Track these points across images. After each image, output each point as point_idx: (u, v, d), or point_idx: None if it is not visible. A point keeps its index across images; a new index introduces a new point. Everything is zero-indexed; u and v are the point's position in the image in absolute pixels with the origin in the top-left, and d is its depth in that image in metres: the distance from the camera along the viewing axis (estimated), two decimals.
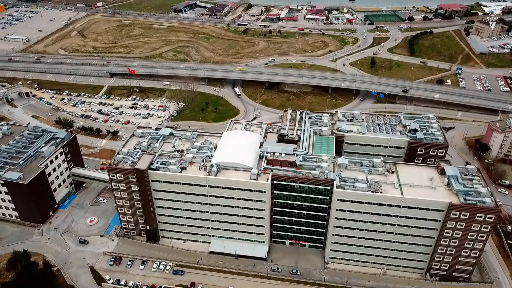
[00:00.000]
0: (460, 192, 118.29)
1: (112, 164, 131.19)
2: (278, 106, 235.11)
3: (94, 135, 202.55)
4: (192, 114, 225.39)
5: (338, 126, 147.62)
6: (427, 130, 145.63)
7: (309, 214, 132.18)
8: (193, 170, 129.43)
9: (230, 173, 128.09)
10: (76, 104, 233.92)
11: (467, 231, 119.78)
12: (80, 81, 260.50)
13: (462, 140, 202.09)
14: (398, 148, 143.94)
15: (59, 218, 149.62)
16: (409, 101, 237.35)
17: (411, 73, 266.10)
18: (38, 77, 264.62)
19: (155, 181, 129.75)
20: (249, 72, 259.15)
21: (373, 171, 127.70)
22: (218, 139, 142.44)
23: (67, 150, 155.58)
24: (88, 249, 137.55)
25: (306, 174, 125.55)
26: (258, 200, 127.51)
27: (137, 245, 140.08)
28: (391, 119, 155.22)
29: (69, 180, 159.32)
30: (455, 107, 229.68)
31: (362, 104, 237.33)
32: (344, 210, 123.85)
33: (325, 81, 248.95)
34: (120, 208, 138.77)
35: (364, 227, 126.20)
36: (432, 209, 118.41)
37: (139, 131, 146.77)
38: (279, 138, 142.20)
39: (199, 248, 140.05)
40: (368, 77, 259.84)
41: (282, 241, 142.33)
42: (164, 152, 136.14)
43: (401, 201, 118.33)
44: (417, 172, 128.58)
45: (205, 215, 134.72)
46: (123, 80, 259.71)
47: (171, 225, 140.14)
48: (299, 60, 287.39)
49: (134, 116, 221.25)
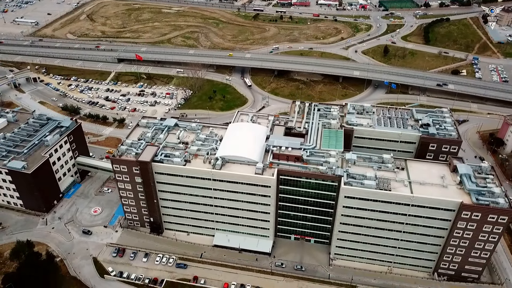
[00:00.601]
0: (473, 191, 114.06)
1: (116, 155, 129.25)
2: (287, 95, 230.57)
3: (101, 123, 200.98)
4: (200, 103, 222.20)
5: (348, 119, 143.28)
6: (440, 125, 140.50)
7: (315, 209, 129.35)
8: (197, 163, 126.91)
9: (235, 166, 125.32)
10: (83, 91, 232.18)
11: (478, 232, 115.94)
12: (87, 67, 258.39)
13: (476, 134, 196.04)
14: (409, 143, 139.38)
15: (64, 208, 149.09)
16: (422, 92, 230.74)
17: (426, 63, 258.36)
18: (46, 62, 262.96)
19: (159, 174, 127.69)
20: (259, 60, 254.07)
21: (382, 167, 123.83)
22: (223, 131, 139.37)
23: (72, 139, 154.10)
24: (91, 239, 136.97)
25: (313, 170, 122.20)
26: (263, 195, 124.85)
27: (140, 236, 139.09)
28: (403, 112, 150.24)
29: (74, 169, 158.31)
30: (469, 99, 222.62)
31: (373, 94, 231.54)
32: (351, 207, 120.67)
33: (336, 70, 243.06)
34: (124, 199, 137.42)
35: (371, 225, 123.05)
36: (442, 208, 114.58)
37: (144, 121, 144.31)
38: (286, 131, 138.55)
39: (203, 241, 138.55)
40: (380, 66, 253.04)
41: (287, 236, 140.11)
42: (169, 143, 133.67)
43: (410, 199, 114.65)
44: (428, 169, 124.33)
45: (209, 208, 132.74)
46: (130, 66, 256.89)
47: (175, 217, 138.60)
48: (307, 48, 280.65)
49: (141, 104, 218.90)
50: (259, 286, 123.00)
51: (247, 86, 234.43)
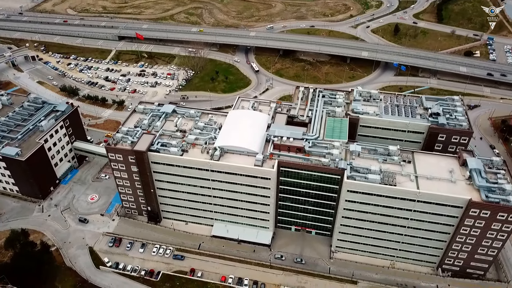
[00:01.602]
0: (482, 188, 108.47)
1: (111, 144, 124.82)
2: (292, 77, 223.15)
3: (99, 105, 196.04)
4: (201, 84, 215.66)
5: (353, 107, 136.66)
6: (451, 114, 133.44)
7: (316, 202, 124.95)
8: (195, 152, 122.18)
9: (234, 157, 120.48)
10: (82, 70, 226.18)
11: (486, 230, 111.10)
12: (87, 44, 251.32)
13: (488, 120, 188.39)
14: (417, 133, 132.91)
15: (60, 194, 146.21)
16: (432, 74, 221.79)
17: (438, 43, 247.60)
18: (45, 39, 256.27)
19: (155, 163, 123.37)
20: (263, 38, 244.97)
21: (388, 160, 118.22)
22: (223, 119, 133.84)
23: (68, 123, 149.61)
24: (88, 228, 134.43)
25: (315, 162, 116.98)
26: (263, 187, 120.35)
27: (137, 225, 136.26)
28: (412, 100, 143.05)
29: (71, 154, 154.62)
30: (482, 82, 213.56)
31: (381, 76, 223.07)
32: (354, 201, 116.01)
33: (343, 50, 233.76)
34: (121, 187, 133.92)
35: (375, 219, 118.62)
36: (449, 205, 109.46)
37: (141, 107, 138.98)
38: (288, 120, 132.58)
39: (201, 231, 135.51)
40: (390, 46, 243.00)
41: (288, 227, 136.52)
42: (166, 131, 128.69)
43: (416, 195, 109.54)
44: (436, 163, 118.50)
45: (207, 199, 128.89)
46: (131, 44, 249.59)
47: (172, 206, 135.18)
48: (308, 25, 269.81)
49: (142, 85, 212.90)
50: (257, 280, 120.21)
51: (254, 71, 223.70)
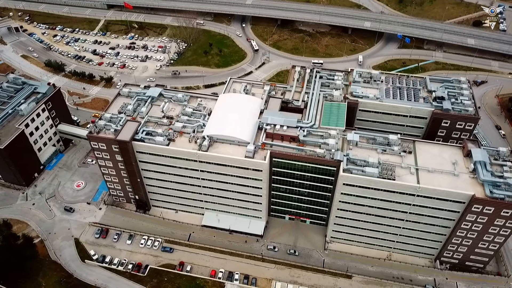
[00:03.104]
0: (487, 182, 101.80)
1: (93, 132, 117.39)
2: (290, 49, 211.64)
3: (87, 81, 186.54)
4: (194, 58, 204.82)
5: (353, 90, 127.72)
6: (456, 98, 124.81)
7: (311, 192, 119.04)
8: (182, 141, 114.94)
9: (224, 147, 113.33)
10: (69, 43, 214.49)
11: (489, 225, 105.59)
12: (75, 14, 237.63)
13: (495, 97, 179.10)
14: (420, 119, 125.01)
15: (45, 181, 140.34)
16: (438, 46, 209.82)
17: (445, 12, 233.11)
18: (30, 7, 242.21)
19: (141, 153, 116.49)
20: (260, 7, 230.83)
21: (387, 150, 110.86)
22: (213, 103, 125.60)
23: (51, 105, 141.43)
24: (73, 218, 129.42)
25: (310, 153, 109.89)
26: (255, 178, 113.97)
27: (125, 214, 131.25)
28: (415, 81, 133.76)
29: (55, 137, 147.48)
30: (490, 55, 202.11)
31: (384, 49, 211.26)
32: (350, 195, 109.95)
33: (345, 20, 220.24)
34: (106, 176, 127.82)
35: (372, 212, 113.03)
36: (451, 200, 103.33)
37: (126, 90, 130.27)
38: (282, 105, 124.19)
39: (191, 219, 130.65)
40: (394, 16, 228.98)
41: (282, 216, 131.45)
42: (152, 118, 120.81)
43: (416, 190, 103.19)
44: (439, 153, 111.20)
45: (197, 189, 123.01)
46: (121, 14, 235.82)
47: (161, 195, 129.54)
48: None
49: (131, 59, 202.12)
50: (248, 274, 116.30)
51: (254, 50, 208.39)
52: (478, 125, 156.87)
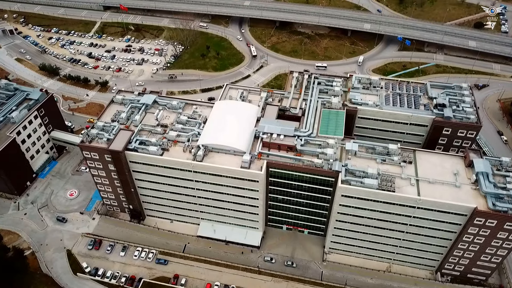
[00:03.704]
0: (489, 195, 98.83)
1: (85, 141, 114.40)
2: (289, 52, 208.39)
3: (82, 85, 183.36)
4: (191, 61, 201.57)
5: (351, 96, 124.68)
6: (458, 105, 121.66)
7: (309, 202, 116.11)
8: (176, 151, 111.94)
9: (219, 157, 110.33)
10: (64, 45, 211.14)
11: (491, 238, 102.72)
12: (70, 15, 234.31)
13: (496, 102, 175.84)
14: (421, 126, 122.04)
15: (37, 190, 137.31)
16: (439, 49, 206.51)
17: (446, 13, 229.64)
18: (25, 9, 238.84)
19: (134, 163, 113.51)
20: (258, 9, 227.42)
21: (387, 160, 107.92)
22: (209, 111, 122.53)
23: (43, 112, 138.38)
24: (66, 228, 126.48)
25: (307, 163, 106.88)
26: (251, 189, 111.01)
27: (119, 225, 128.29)
28: (416, 87, 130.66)
29: (48, 144, 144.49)
30: (492, 58, 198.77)
31: (384, 51, 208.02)
32: (349, 206, 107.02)
33: (344, 22, 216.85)
34: (99, 185, 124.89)
35: (371, 224, 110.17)
36: (452, 212, 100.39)
37: (119, 97, 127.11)
38: (279, 113, 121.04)
39: (187, 230, 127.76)
40: (394, 17, 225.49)
41: (279, 226, 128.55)
42: (146, 126, 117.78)
43: (416, 202, 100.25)
44: (440, 163, 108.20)
45: (192, 199, 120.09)
46: (117, 15, 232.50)
47: (156, 205, 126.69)
48: None
49: (127, 62, 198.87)
50: (244, 287, 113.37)
51: (252, 56, 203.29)
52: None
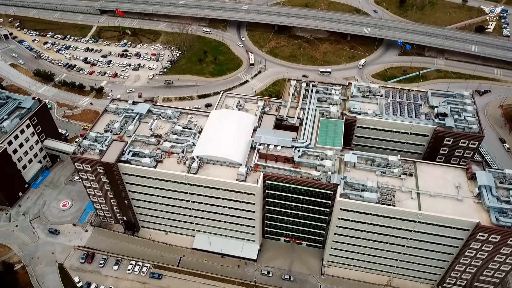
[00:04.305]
0: (493, 209, 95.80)
1: (77, 152, 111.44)
2: (287, 57, 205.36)
3: (77, 92, 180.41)
4: (188, 66, 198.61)
5: (351, 105, 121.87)
6: (459, 114, 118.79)
7: (307, 215, 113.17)
8: (171, 163, 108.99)
9: (215, 169, 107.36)
10: (60, 50, 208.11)
11: (495, 254, 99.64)
12: (66, 19, 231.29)
13: (498, 108, 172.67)
14: (421, 136, 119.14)
15: (30, 200, 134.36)
16: (440, 53, 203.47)
17: (447, 16, 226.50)
18: (21, 13, 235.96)
19: (127, 175, 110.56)
20: (257, 12, 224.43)
21: (387, 172, 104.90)
22: (204, 120, 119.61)
23: (36, 121, 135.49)
24: (58, 241, 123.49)
25: (305, 175, 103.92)
26: (247, 202, 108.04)
27: (113, 237, 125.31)
28: (416, 96, 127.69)
29: (41, 153, 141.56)
30: (494, 63, 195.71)
31: (384, 56, 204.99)
32: (348, 220, 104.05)
33: (343, 26, 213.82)
34: (93, 196, 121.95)
35: (371, 237, 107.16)
36: (454, 227, 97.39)
37: (113, 106, 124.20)
38: (276, 122, 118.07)
39: (182, 242, 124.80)
40: (395, 21, 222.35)
41: (276, 238, 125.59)
42: (139, 137, 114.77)
43: (417, 216, 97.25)
44: (442, 175, 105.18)
45: (187, 211, 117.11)
46: (114, 19, 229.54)
47: (150, 217, 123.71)
48: None
49: (124, 67, 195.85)
50: None
51: (250, 64, 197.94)
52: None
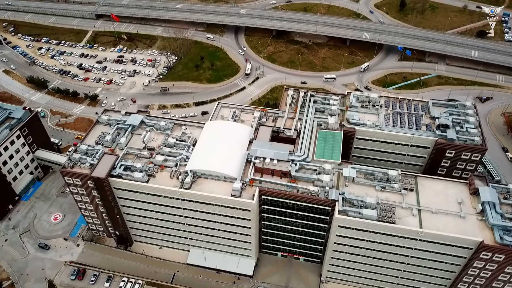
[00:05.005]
0: (497, 227, 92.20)
1: (67, 166, 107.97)
2: (286, 62, 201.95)
3: (71, 99, 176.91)
4: (185, 72, 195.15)
5: (349, 116, 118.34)
6: (461, 125, 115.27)
7: (304, 231, 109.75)
8: (163, 177, 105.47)
9: (209, 183, 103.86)
10: (54, 56, 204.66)
11: (499, 272, 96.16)
12: (61, 24, 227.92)
13: (501, 115, 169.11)
14: (422, 148, 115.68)
15: (20, 213, 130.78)
16: (441, 59, 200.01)
17: (448, 20, 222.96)
18: (16, 17, 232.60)
19: (118, 189, 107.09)
20: (254, 17, 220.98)
21: (386, 187, 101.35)
22: (199, 131, 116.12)
23: (27, 131, 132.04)
24: (48, 256, 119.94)
25: (302, 190, 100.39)
26: (242, 218, 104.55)
27: (105, 252, 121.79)
28: (417, 106, 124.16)
29: (33, 164, 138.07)
30: (496, 68, 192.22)
31: (384, 61, 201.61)
32: (346, 237, 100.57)
33: (342, 31, 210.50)
34: (84, 210, 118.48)
35: (370, 254, 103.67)
36: (457, 245, 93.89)
37: (105, 117, 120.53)
38: (273, 134, 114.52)
39: (176, 257, 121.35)
40: (395, 26, 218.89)
41: (273, 253, 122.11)
42: (132, 149, 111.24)
43: (418, 234, 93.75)
44: (443, 190, 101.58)
45: (181, 226, 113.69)
46: (110, 24, 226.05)
47: (143, 231, 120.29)
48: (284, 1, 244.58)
49: (119, 74, 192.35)
50: None
51: (245, 74, 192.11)
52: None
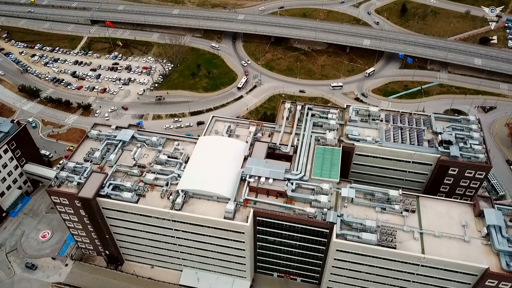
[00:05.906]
0: (503, 252, 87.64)
1: (54, 185, 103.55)
2: (284, 70, 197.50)
3: (63, 109, 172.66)
4: (181, 80, 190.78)
5: (348, 131, 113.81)
6: (465, 142, 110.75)
7: (301, 252, 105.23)
8: (154, 197, 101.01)
9: (201, 204, 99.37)
10: (48, 63, 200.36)
11: None
12: (56, 30, 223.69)
13: (505, 126, 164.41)
14: (424, 165, 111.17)
15: (7, 231, 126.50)
16: (443, 67, 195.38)
17: (449, 26, 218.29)
18: (9, 23, 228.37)
19: (107, 209, 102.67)
20: (252, 23, 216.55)
21: (387, 208, 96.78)
22: (192, 147, 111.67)
23: (15, 145, 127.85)
24: (35, 276, 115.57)
25: (299, 212, 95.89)
26: (236, 240, 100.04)
27: (95, 272, 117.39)
28: (419, 120, 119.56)
29: (21, 179, 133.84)
30: (499, 77, 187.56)
31: (385, 69, 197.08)
32: (345, 261, 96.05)
33: (342, 38, 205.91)
34: (72, 229, 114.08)
35: (369, 278, 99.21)
36: (461, 272, 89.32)
37: (94, 132, 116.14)
38: (268, 151, 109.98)
39: (169, 277, 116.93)
40: (396, 33, 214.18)
41: (269, 273, 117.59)
42: (121, 167, 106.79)
43: (420, 260, 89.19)
44: (446, 212, 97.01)
45: (172, 246, 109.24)
46: (105, 30, 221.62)
47: (134, 250, 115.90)
48: (277, 7, 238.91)
49: (113, 82, 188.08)
50: None
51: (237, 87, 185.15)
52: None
